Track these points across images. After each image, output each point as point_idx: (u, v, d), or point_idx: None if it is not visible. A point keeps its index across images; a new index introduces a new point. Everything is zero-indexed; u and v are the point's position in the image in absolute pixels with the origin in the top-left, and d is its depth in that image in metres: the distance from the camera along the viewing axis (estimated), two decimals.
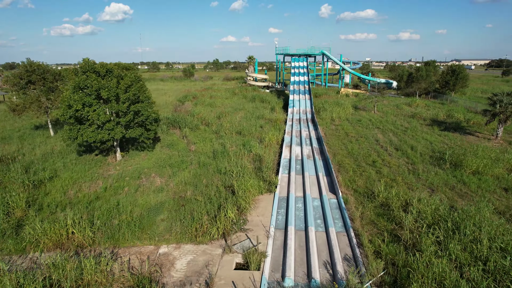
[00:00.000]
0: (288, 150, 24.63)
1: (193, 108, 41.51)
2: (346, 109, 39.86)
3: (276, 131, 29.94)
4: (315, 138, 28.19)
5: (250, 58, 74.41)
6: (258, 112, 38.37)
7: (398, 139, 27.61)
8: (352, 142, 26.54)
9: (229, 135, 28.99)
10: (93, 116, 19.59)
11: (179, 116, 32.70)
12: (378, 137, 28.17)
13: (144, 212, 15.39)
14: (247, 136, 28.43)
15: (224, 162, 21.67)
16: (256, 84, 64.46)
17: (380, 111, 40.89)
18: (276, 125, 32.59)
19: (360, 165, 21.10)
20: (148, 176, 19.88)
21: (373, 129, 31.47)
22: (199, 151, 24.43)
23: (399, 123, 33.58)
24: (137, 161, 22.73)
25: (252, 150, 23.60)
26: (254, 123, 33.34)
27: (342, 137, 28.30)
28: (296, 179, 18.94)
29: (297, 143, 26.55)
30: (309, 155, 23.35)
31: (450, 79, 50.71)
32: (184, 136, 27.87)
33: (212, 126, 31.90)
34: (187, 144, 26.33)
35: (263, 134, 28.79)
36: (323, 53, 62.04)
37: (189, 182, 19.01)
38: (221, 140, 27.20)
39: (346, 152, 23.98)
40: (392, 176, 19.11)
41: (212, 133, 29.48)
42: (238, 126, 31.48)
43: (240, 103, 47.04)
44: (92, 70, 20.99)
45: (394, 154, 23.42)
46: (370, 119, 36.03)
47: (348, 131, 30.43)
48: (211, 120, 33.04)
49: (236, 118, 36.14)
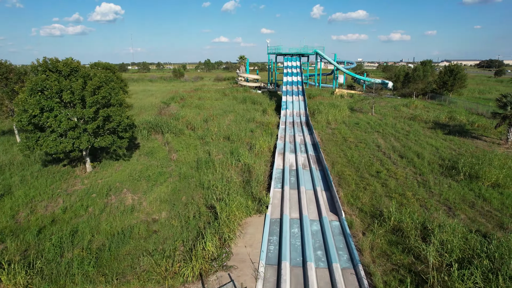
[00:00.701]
0: (281, 158, 21.94)
1: (179, 110, 38.56)
2: (342, 111, 37.38)
3: (267, 136, 27.25)
4: (310, 144, 25.57)
5: (241, 58, 71.67)
6: (249, 115, 35.66)
7: (400, 144, 25.17)
8: (351, 149, 23.99)
9: (216, 141, 26.19)
10: (53, 123, 16.60)
11: (162, 120, 29.77)
12: (379, 143, 25.68)
13: (107, 241, 12.53)
14: (236, 142, 25.67)
15: (208, 174, 18.89)
16: (247, 85, 61.74)
17: (378, 113, 38.54)
18: (268, 129, 29.89)
19: (363, 177, 18.52)
20: (119, 193, 16.98)
21: (373, 133, 29.00)
22: (181, 160, 21.58)
23: (400, 127, 31.20)
24: (109, 172, 19.79)
25: (241, 159, 20.85)
26: (244, 127, 30.61)
27: (340, 143, 25.74)
28: (291, 195, 16.24)
29: (291, 150, 23.89)
30: (304, 165, 20.69)
31: (448, 79, 48.71)
32: (165, 143, 24.98)
33: (198, 130, 29.05)
34: (168, 152, 23.45)
35: (253, 139, 26.07)
36: (316, 53, 59.63)
37: (166, 199, 16.17)
38: (206, 147, 24.40)
39: (345, 161, 21.40)
40: (401, 190, 16.56)
41: (197, 139, 26.64)
42: (226, 131, 28.72)
43: (230, 104, 44.27)
44: (55, 69, 18.00)
45: (399, 162, 20.92)
46: (368, 121, 33.59)
47: (346, 135, 27.89)
48: (198, 124, 30.19)
49: (225, 122, 33.36)
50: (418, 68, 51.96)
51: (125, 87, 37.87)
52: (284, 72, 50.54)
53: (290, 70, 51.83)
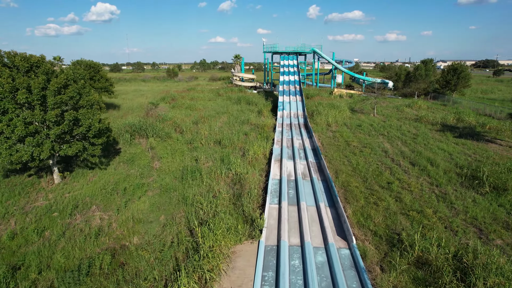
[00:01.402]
0: (278, 166, 19.32)
1: (169, 111, 35.82)
2: (342, 112, 34.86)
3: (263, 140, 24.62)
4: (310, 149, 22.98)
5: (237, 57, 69.02)
6: (243, 116, 33.02)
7: (409, 149, 22.68)
8: (356, 154, 21.44)
9: (205, 146, 23.52)
10: (4, 128, 13.84)
11: (147, 122, 27.02)
12: (385, 147, 23.17)
13: (56, 280, 9.83)
14: (227, 147, 23.02)
15: (193, 186, 16.24)
16: (242, 85, 59.07)
17: (380, 114, 36.08)
18: (263, 132, 27.26)
19: (372, 189, 15.96)
20: (87, 210, 14.26)
21: (377, 136, 26.49)
22: (164, 169, 18.89)
23: (406, 129, 28.74)
24: (81, 184, 17.06)
25: (232, 167, 18.20)
26: (238, 129, 27.96)
27: (342, 147, 23.18)
28: (290, 213, 13.63)
29: (289, 156, 21.28)
30: (304, 174, 18.09)
31: (452, 78, 46.41)
32: (149, 148, 22.26)
33: (187, 134, 26.35)
34: (151, 158, 20.74)
35: (247, 144, 23.44)
36: (314, 51, 57.13)
37: (141, 219, 13.50)
38: (195, 152, 21.72)
39: (350, 169, 18.84)
40: (418, 206, 14.03)
41: (185, 144, 23.94)
42: (218, 134, 26.06)
43: (223, 105, 41.59)
44: (12, 64, 15.23)
45: (410, 171, 18.40)
46: (371, 123, 31.10)
47: (348, 139, 25.35)
48: (187, 127, 27.48)
49: (217, 124, 30.69)
50: (420, 67, 49.62)
51: (110, 87, 35.09)
52: (281, 71, 47.95)
53: (287, 69, 49.26)
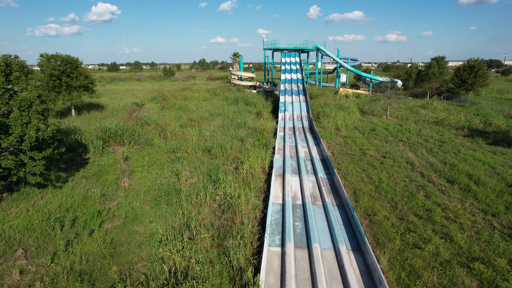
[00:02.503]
0: (280, 184, 15.06)
1: (156, 113, 31.59)
2: (352, 114, 30.58)
3: (261, 148, 20.39)
4: (318, 159, 18.71)
5: (235, 55, 64.75)
6: (240, 118, 28.77)
7: (439, 160, 18.44)
8: (375, 167, 17.18)
9: (192, 155, 19.27)
10: None
11: (126, 127, 22.77)
12: (409, 158, 18.91)
13: None
14: (218, 157, 18.77)
15: (166, 216, 12.00)
16: (241, 84, 54.80)
17: (393, 116, 31.82)
18: (262, 138, 23.01)
19: (407, 220, 11.69)
20: (9, 256, 10.03)
21: (396, 143, 22.23)
22: (135, 188, 14.65)
23: (427, 134, 24.47)
24: (19, 210, 12.82)
25: (221, 187, 13.96)
26: (233, 134, 23.74)
27: (357, 158, 18.92)
28: (298, 263, 9.37)
29: (293, 169, 17.01)
30: (314, 196, 13.82)
31: (468, 77, 42.07)
32: (122, 159, 17.99)
33: (172, 139, 22.11)
34: (123, 172, 16.50)
35: (242, 153, 19.23)
36: (317, 48, 52.85)
37: (83, 270, 9.26)
38: (177, 165, 17.48)
39: (372, 188, 14.59)
40: (480, 251, 9.77)
41: (168, 152, 19.69)
42: (208, 140, 21.85)
43: (219, 106, 37.35)
44: None
45: (450, 191, 14.14)
46: (385, 127, 26.82)
47: (363, 146, 21.09)
48: (172, 131, 23.20)
49: (210, 127, 26.44)
50: (433, 65, 45.29)
51: (91, 85, 30.83)
52: (282, 69, 43.67)
53: (289, 67, 44.97)
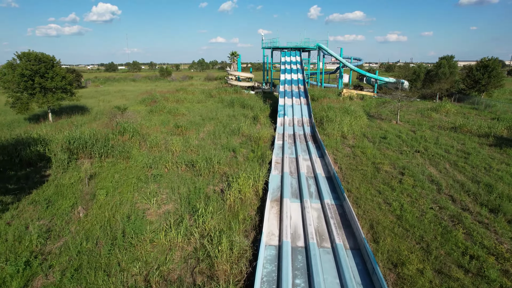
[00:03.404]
0: (277, 216, 11.80)
1: (143, 117, 28.37)
2: (359, 118, 27.30)
3: (256, 161, 17.18)
4: (324, 177, 15.44)
5: (233, 55, 61.46)
6: (234, 124, 25.54)
7: (467, 177, 15.19)
8: (393, 188, 13.93)
9: (172, 171, 16.03)
10: None
11: (99, 135, 19.53)
12: (432, 175, 15.65)
13: None
14: (203, 174, 15.52)
15: (122, 267, 8.76)
16: (239, 85, 51.55)
17: (404, 121, 28.56)
18: (257, 148, 19.76)
19: (450, 277, 8.43)
20: None
21: (412, 154, 18.97)
22: (91, 221, 11.41)
23: (446, 143, 21.21)
24: None
25: (199, 220, 10.73)
26: (224, 144, 20.54)
27: (370, 175, 15.66)
28: None
29: (293, 191, 13.76)
30: (321, 234, 10.55)
31: (482, 77, 38.74)
32: (87, 178, 14.74)
33: (153, 150, 18.88)
34: (83, 196, 13.26)
35: (233, 168, 16.03)
36: (319, 47, 49.56)
37: None
38: (152, 184, 14.26)
39: (393, 219, 11.34)
40: None
41: (145, 167, 16.44)
42: (195, 151, 18.65)
43: (213, 109, 34.14)
44: None
45: (495, 225, 10.88)
46: (397, 134, 23.55)
47: (375, 159, 17.83)
48: (154, 140, 19.94)
49: (199, 134, 23.23)
50: (443, 64, 41.94)
51: (68, 86, 27.59)
52: (282, 69, 40.38)
53: (289, 67, 41.67)
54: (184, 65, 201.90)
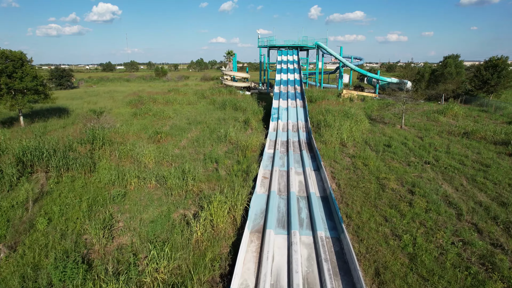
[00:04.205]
0: (255, 257, 9.15)
1: (126, 121, 25.78)
2: (360, 123, 24.61)
3: (240, 175, 14.57)
4: (318, 197, 12.80)
5: (229, 54, 58.79)
6: (223, 128, 22.91)
7: (491, 198, 12.55)
8: (402, 214, 11.29)
9: (139, 189, 13.41)
10: None
11: (57, 145, 16.91)
12: (447, 193, 13.01)
13: None
14: (174, 193, 12.90)
15: None
16: (234, 85, 48.90)
17: (409, 125, 25.88)
18: (243, 161, 17.14)
19: None
20: None
21: (422, 166, 16.31)
22: (12, 264, 8.80)
23: (458, 152, 18.54)
24: None
25: (150, 266, 8.11)
26: (207, 153, 17.94)
27: (374, 194, 13.01)
28: None
29: (279, 218, 11.12)
30: (311, 285, 7.92)
31: (491, 77, 36.00)
32: (31, 200, 12.12)
33: (124, 161, 16.26)
34: (20, 225, 10.65)
35: (211, 185, 13.43)
36: (318, 46, 46.86)
37: None
38: (111, 207, 11.64)
39: (405, 260, 8.71)
40: None
41: (108, 183, 13.82)
42: (171, 163, 16.04)
43: (203, 111, 31.53)
44: None
45: None
46: (403, 141, 20.88)
47: (379, 173, 15.17)
48: (127, 150, 17.28)
49: (182, 142, 20.62)
50: (449, 63, 39.21)
51: (41, 87, 24.98)
52: (277, 68, 37.70)
53: (285, 66, 38.99)
54: (183, 65, 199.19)
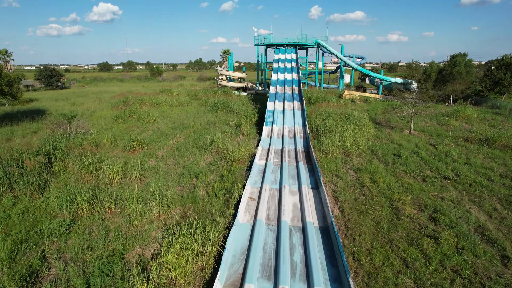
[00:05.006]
0: None
1: (105, 125, 23.05)
2: (364, 128, 21.82)
3: (220, 196, 11.80)
4: (317, 227, 10.04)
5: (225, 53, 56.09)
6: (210, 134, 20.15)
7: None
8: (428, 256, 8.50)
9: (90, 217, 10.64)
10: None
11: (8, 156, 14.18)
12: (479, 221, 10.24)
13: None
14: (135, 223, 10.12)
15: None
16: (229, 85, 46.17)
17: (419, 130, 23.10)
18: (229, 175, 14.36)
19: None
20: None
21: (440, 181, 13.53)
22: None
23: (481, 164, 15.76)
24: None
25: None
26: (187, 165, 15.18)
27: (386, 224, 10.23)
28: None
29: (265, 264, 8.37)
30: None
31: (504, 77, 33.16)
32: None
33: (84, 178, 13.50)
34: None
35: (184, 210, 10.67)
36: (318, 44, 44.10)
37: None
38: (52, 241, 8.88)
39: None
40: None
41: (56, 208, 11.06)
42: (141, 179, 13.28)
43: (193, 114, 28.76)
44: None
45: None
46: (414, 150, 18.08)
47: (391, 192, 12.38)
48: (85, 165, 14.48)
49: (160, 151, 17.86)
50: (459, 62, 36.38)
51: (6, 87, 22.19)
52: (274, 67, 34.92)
53: (283, 65, 36.19)
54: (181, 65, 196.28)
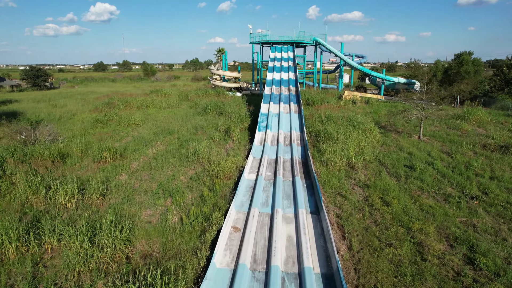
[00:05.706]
0: None
1: (83, 129, 20.49)
2: (369, 133, 19.36)
3: (197, 228, 9.29)
4: (318, 275, 7.59)
5: (220, 52, 53.50)
6: (196, 141, 17.65)
7: None
8: None
9: (20, 258, 8.10)
10: None
11: None
12: None
13: None
14: (76, 269, 7.59)
15: None
16: (223, 85, 43.64)
17: (429, 135, 20.69)
18: (210, 194, 11.86)
19: None
20: None
21: (467, 202, 11.09)
22: None
23: (510, 177, 13.34)
24: None
25: None
26: (163, 181, 12.66)
27: (409, 270, 7.76)
28: None
29: None
30: None
31: None
32: None
33: (35, 201, 10.97)
34: None
35: (147, 247, 8.17)
36: (316, 42, 41.63)
37: None
38: None
39: None
40: None
41: None
42: (106, 200, 10.75)
43: (181, 117, 26.22)
44: None
45: None
46: (428, 160, 15.63)
47: (408, 218, 9.92)
48: (37, 183, 11.95)
49: (136, 162, 15.32)
50: (467, 61, 34.02)
51: None
52: (269, 66, 32.38)
53: (279, 64, 33.67)
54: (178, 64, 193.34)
